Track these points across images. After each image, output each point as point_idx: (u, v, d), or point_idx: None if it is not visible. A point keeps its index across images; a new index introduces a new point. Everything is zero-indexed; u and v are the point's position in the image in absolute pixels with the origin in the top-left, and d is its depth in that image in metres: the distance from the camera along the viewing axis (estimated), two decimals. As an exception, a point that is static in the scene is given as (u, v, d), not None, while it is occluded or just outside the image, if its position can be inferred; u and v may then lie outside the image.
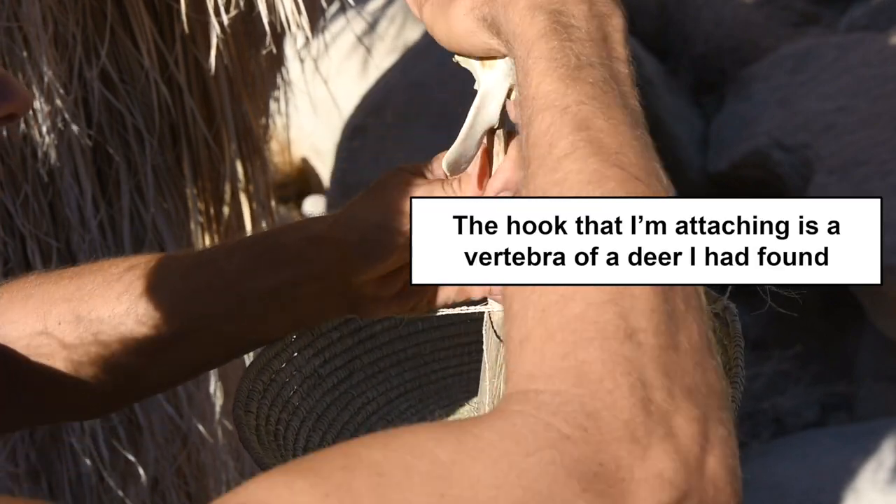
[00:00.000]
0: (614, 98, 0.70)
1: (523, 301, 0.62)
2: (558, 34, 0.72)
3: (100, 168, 1.87)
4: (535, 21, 0.73)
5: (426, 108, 4.80)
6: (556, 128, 0.67)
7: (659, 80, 5.52)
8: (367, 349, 1.08)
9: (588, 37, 0.73)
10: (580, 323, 0.59)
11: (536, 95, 0.70)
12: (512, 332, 0.62)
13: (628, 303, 0.60)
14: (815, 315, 4.86)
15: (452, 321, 1.11)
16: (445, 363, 1.11)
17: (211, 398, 2.10)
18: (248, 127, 1.98)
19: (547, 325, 0.60)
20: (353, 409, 1.04)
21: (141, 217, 1.89)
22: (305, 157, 5.76)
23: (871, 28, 5.64)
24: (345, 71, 5.45)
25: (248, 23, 1.86)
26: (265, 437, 0.93)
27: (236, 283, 0.94)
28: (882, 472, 3.68)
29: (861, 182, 4.50)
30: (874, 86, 4.89)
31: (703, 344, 0.61)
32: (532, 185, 0.67)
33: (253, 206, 2.04)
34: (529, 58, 0.72)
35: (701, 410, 0.58)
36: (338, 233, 0.93)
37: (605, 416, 0.56)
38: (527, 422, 0.56)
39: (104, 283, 0.95)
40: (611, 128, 0.67)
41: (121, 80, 1.80)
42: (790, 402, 4.44)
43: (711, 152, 5.36)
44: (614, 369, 0.57)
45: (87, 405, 1.00)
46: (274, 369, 1.00)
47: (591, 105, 0.68)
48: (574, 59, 0.70)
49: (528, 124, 0.70)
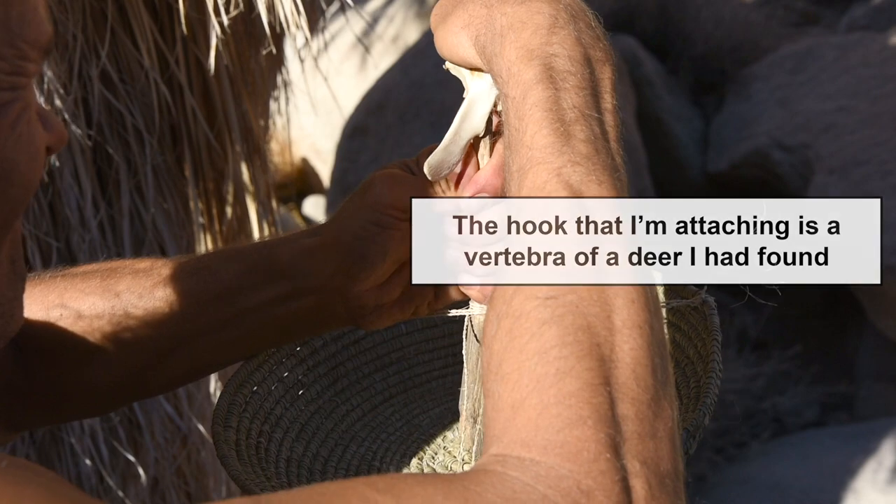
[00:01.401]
0: (604, 158, 0.72)
1: (517, 365, 0.64)
2: (553, 81, 0.74)
3: (100, 168, 1.87)
4: (532, 64, 0.75)
5: (426, 108, 4.80)
6: (552, 187, 0.70)
7: (659, 80, 5.52)
8: (350, 355, 1.08)
9: (581, 84, 0.75)
10: (575, 400, 0.61)
11: (532, 146, 0.72)
12: (503, 393, 0.64)
13: (616, 388, 0.63)
14: (815, 315, 4.86)
15: (435, 323, 1.12)
16: (429, 366, 1.11)
17: (211, 398, 2.10)
18: (249, 127, 1.98)
19: (542, 396, 0.62)
20: (338, 416, 1.04)
21: (141, 217, 1.89)
22: (305, 157, 5.76)
23: (871, 28, 5.65)
24: (344, 71, 5.46)
25: (248, 23, 1.86)
26: (245, 452, 0.93)
27: (232, 294, 0.95)
28: (882, 472, 3.68)
29: (861, 182, 4.51)
30: (874, 86, 4.89)
31: (674, 429, 0.64)
32: (527, 241, 0.69)
33: (254, 206, 2.04)
34: (525, 103, 0.74)
35: (671, 500, 0.61)
36: (329, 238, 0.94)
37: (598, 496, 0.59)
38: (525, 490, 0.58)
39: (98, 287, 0.95)
40: (601, 194, 0.70)
41: (121, 80, 1.80)
42: (790, 402, 4.44)
43: (711, 152, 5.36)
44: (605, 452, 0.60)
45: (97, 398, 1.01)
46: (255, 381, 0.99)
47: (584, 166, 0.70)
48: (569, 112, 0.73)
49: (520, 173, 0.72)
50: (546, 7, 0.77)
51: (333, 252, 0.93)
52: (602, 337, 0.64)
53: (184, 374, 1.00)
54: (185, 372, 1.00)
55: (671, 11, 5.90)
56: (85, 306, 0.94)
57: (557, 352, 0.63)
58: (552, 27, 0.77)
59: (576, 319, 0.64)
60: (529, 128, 0.73)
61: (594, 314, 0.64)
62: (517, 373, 0.63)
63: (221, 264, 0.96)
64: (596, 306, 0.65)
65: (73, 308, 0.94)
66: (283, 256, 0.95)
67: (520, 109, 0.74)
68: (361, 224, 0.92)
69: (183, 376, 1.01)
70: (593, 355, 0.63)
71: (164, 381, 1.00)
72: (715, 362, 0.88)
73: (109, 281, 0.95)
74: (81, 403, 1.01)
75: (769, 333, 4.75)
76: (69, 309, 0.94)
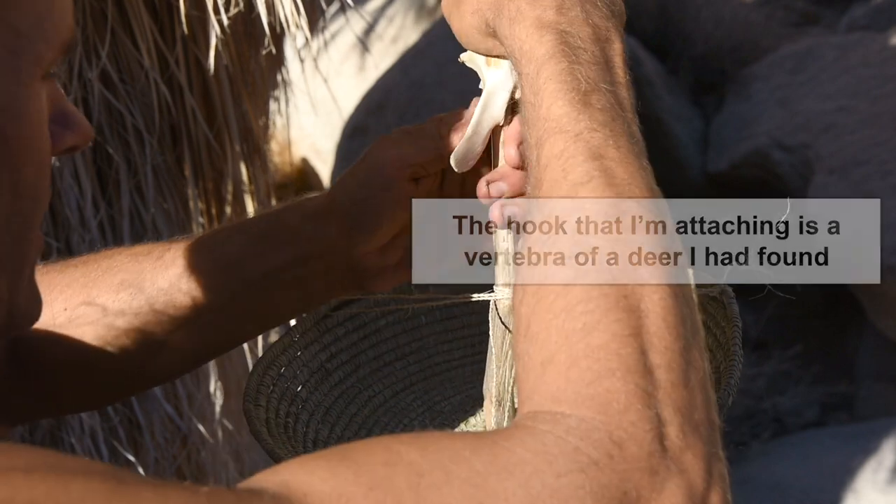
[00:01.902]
0: (622, 125, 0.73)
1: (544, 324, 0.64)
2: (567, 56, 0.75)
3: (100, 168, 1.87)
4: (544, 40, 0.76)
5: (426, 108, 4.80)
6: (570, 153, 0.70)
7: (659, 80, 5.52)
8: (372, 343, 1.10)
9: (594, 59, 0.75)
10: (604, 353, 0.61)
11: (548, 117, 0.72)
12: (531, 351, 0.64)
13: (646, 338, 0.63)
14: (815, 315, 4.86)
15: (454, 314, 1.13)
16: (449, 355, 1.13)
17: (211, 398, 2.10)
18: (249, 127, 1.98)
19: (571, 351, 0.62)
20: (360, 402, 1.06)
21: (141, 217, 1.90)
22: (305, 157, 5.76)
23: (871, 28, 5.65)
24: (344, 71, 5.45)
25: (248, 23, 1.86)
26: (275, 430, 0.95)
27: (237, 266, 0.95)
28: (882, 472, 3.68)
29: (861, 182, 4.50)
30: (874, 86, 4.89)
31: (706, 380, 0.64)
32: (546, 207, 0.69)
33: (254, 205, 2.05)
34: (539, 77, 0.74)
35: (706, 448, 0.61)
36: (331, 203, 0.95)
37: (630, 446, 0.59)
38: (557, 443, 0.58)
39: (104, 273, 0.96)
40: (621, 157, 0.70)
41: (121, 80, 1.80)
42: (790, 402, 4.44)
43: (711, 152, 5.36)
44: (637, 402, 0.60)
45: (101, 390, 1.01)
46: (281, 364, 1.02)
47: (602, 132, 0.71)
48: (584, 84, 0.73)
49: (538, 144, 0.72)
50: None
51: (335, 216, 0.95)
52: (629, 289, 0.64)
53: (193, 353, 1.00)
54: (194, 351, 1.00)
55: (671, 11, 5.90)
56: (101, 302, 0.94)
57: (583, 307, 0.63)
58: (560, 7, 0.78)
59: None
60: (545, 100, 0.73)
61: (619, 269, 0.64)
62: (545, 332, 0.64)
63: (226, 238, 0.97)
64: (621, 262, 0.65)
65: (94, 305, 0.94)
66: (287, 222, 0.96)
67: (535, 84, 0.75)
68: (359, 187, 0.94)
69: (192, 356, 1.01)
70: (620, 307, 0.63)
71: (175, 361, 1.00)
72: (737, 346, 0.90)
73: (115, 274, 0.95)
74: (83, 394, 1.01)
75: (769, 333, 4.75)
76: (85, 307, 0.95)
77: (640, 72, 5.42)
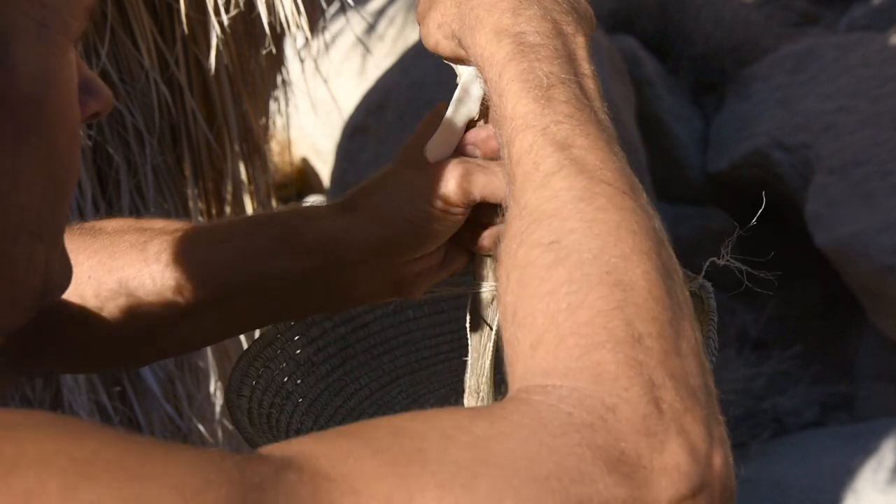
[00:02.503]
0: (588, 114, 0.73)
1: (530, 309, 0.65)
2: (525, 55, 0.76)
3: (100, 168, 1.87)
4: (502, 44, 0.77)
5: (426, 108, 4.79)
6: (539, 146, 0.71)
7: (659, 80, 5.52)
8: (360, 337, 1.10)
9: (555, 54, 0.77)
10: (590, 328, 0.62)
11: (514, 116, 0.74)
12: (519, 335, 0.65)
13: (632, 310, 0.63)
14: (814, 315, 4.86)
15: (442, 309, 1.13)
16: (436, 349, 1.13)
17: (211, 398, 2.10)
18: (249, 127, 1.98)
19: (558, 330, 0.63)
20: (346, 394, 1.06)
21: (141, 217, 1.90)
22: (305, 157, 5.76)
23: (871, 28, 5.65)
24: (345, 71, 5.46)
25: (248, 23, 1.86)
26: (257, 420, 0.95)
27: (256, 263, 0.94)
28: (882, 472, 3.69)
29: (861, 182, 4.51)
30: (874, 86, 4.89)
31: (699, 349, 0.64)
32: (522, 200, 0.70)
33: (254, 206, 2.05)
34: (502, 80, 0.76)
35: (705, 411, 0.61)
36: (359, 234, 0.92)
37: (624, 409, 0.59)
38: (550, 410, 0.59)
39: (131, 246, 0.96)
40: (590, 144, 0.71)
41: (121, 80, 1.80)
42: (790, 402, 4.44)
43: (711, 152, 5.36)
44: (627, 370, 0.61)
45: (116, 354, 1.01)
46: (268, 356, 1.02)
47: (568, 123, 0.72)
48: (545, 79, 0.74)
49: (508, 143, 0.74)
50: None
51: (378, 230, 0.93)
52: (611, 265, 0.64)
53: (213, 330, 1.00)
54: (214, 327, 0.99)
55: (671, 11, 5.90)
56: (123, 275, 0.95)
57: (567, 287, 0.64)
58: (517, 9, 0.79)
59: (581, 255, 0.65)
60: (509, 101, 0.74)
61: (598, 247, 0.65)
62: (531, 316, 0.64)
63: (245, 235, 0.95)
64: (599, 239, 0.65)
65: (118, 279, 0.95)
66: (306, 233, 0.94)
67: (498, 87, 0.76)
68: (419, 213, 0.91)
69: (213, 333, 1.02)
70: (604, 283, 0.63)
71: (194, 334, 0.99)
72: (712, 342, 0.91)
73: (141, 250, 0.95)
74: (96, 356, 1.01)
75: (769, 333, 4.75)
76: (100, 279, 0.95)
77: (640, 72, 5.42)
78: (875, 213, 4.37)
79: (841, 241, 4.40)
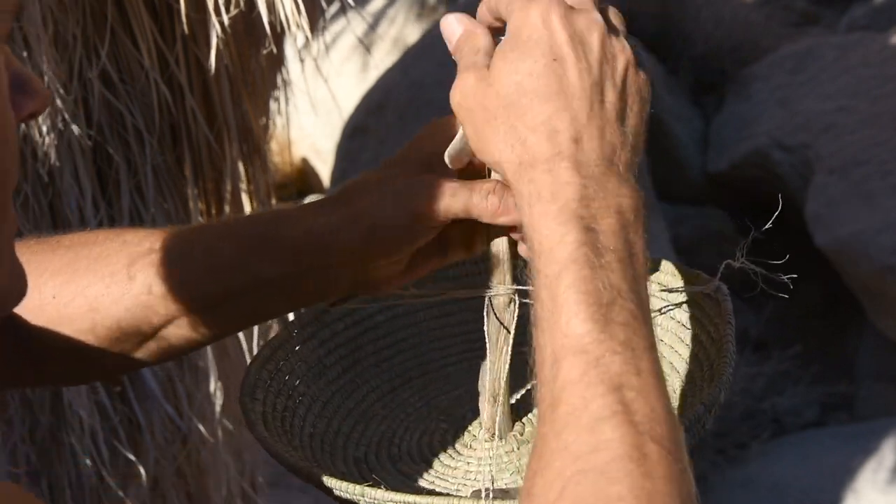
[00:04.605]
0: (642, 339, 0.71)
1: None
2: (589, 262, 0.72)
3: (100, 168, 1.87)
4: (566, 241, 0.73)
5: (426, 108, 4.80)
6: (590, 381, 0.68)
7: (659, 80, 5.52)
8: (370, 339, 1.09)
9: (617, 258, 0.73)
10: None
11: (567, 334, 0.70)
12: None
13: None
14: (814, 315, 4.86)
15: (453, 310, 1.12)
16: (447, 350, 1.12)
17: (211, 398, 2.10)
18: (249, 127, 1.98)
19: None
20: (358, 396, 1.06)
21: (141, 217, 1.89)
22: (305, 157, 5.76)
23: (871, 28, 5.64)
24: (345, 71, 5.45)
25: (249, 23, 1.86)
26: (272, 424, 0.95)
27: (232, 269, 0.92)
28: (882, 472, 3.69)
29: (861, 182, 4.51)
30: (874, 86, 4.89)
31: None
32: (565, 435, 0.68)
33: (254, 206, 2.05)
34: (560, 284, 0.72)
35: None
36: (345, 227, 0.91)
37: None
38: None
39: (96, 261, 0.93)
40: (641, 385, 0.69)
41: (121, 80, 1.80)
42: (790, 402, 4.44)
43: (711, 152, 5.36)
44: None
45: (88, 368, 1.00)
46: (279, 359, 1.02)
47: (622, 355, 0.69)
48: (605, 294, 0.71)
49: (555, 361, 0.70)
50: (575, 177, 0.75)
51: (348, 248, 0.91)
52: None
53: (185, 344, 0.98)
54: (187, 342, 0.98)
55: (671, 11, 5.90)
56: (91, 293, 0.92)
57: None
58: (585, 195, 0.75)
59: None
60: (564, 313, 0.71)
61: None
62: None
63: (218, 239, 0.94)
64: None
65: (84, 295, 0.93)
66: (287, 236, 0.92)
67: (553, 290, 0.72)
68: (404, 223, 0.90)
69: (185, 346, 0.99)
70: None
71: (166, 349, 0.97)
72: (729, 344, 0.90)
73: (106, 264, 0.93)
74: (69, 371, 0.99)
75: (769, 333, 4.75)
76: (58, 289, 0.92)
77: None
78: (875, 213, 4.37)
79: (841, 241, 4.40)
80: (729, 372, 0.88)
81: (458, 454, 0.97)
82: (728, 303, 0.95)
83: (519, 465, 0.93)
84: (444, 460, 0.97)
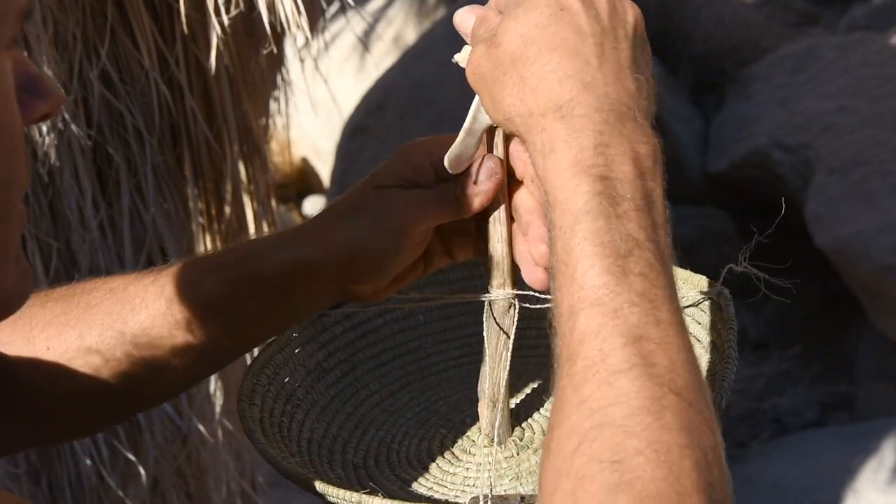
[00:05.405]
0: (662, 288, 0.69)
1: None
2: (604, 211, 0.70)
3: (100, 168, 1.87)
4: (580, 191, 0.71)
5: (426, 108, 4.80)
6: (608, 332, 0.67)
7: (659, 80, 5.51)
8: (369, 343, 1.09)
9: (634, 207, 0.71)
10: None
11: (583, 285, 0.68)
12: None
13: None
14: (814, 315, 4.86)
15: (452, 314, 1.13)
16: (446, 355, 1.12)
17: (211, 398, 2.10)
18: (249, 127, 1.98)
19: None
20: (357, 401, 1.06)
21: (141, 217, 1.90)
22: (305, 157, 5.76)
23: (871, 28, 5.64)
24: (345, 71, 5.45)
25: (249, 23, 1.86)
26: (269, 429, 0.95)
27: (216, 304, 0.93)
28: (882, 472, 3.69)
29: (861, 182, 4.51)
30: (874, 86, 4.89)
31: None
32: (583, 389, 0.66)
33: (253, 205, 2.05)
34: (574, 235, 0.70)
35: None
36: (324, 258, 0.91)
37: None
38: None
39: (86, 311, 0.93)
40: (661, 336, 0.67)
41: (121, 80, 1.80)
42: (790, 402, 4.44)
43: (711, 152, 5.36)
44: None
45: (86, 420, 0.99)
46: (277, 364, 1.02)
47: (641, 306, 0.67)
48: (622, 244, 0.69)
49: (572, 314, 0.69)
50: (589, 123, 0.73)
51: (329, 272, 0.91)
52: (673, 502, 0.61)
53: (179, 383, 1.00)
54: (181, 381, 0.99)
55: (671, 11, 5.90)
56: (84, 343, 0.92)
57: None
58: (600, 143, 0.73)
59: (646, 486, 0.61)
60: (580, 265, 0.69)
61: (663, 477, 0.62)
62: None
63: (200, 276, 0.93)
64: (664, 468, 0.62)
65: (77, 346, 0.92)
66: (267, 269, 0.92)
67: (568, 242, 0.70)
68: (385, 245, 0.89)
69: (179, 385, 1.01)
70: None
71: (162, 391, 0.99)
72: (731, 349, 0.90)
73: (95, 313, 0.92)
74: (68, 425, 0.99)
75: (769, 333, 4.75)
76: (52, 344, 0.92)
77: (640, 72, 5.41)
78: (875, 213, 4.37)
79: (841, 241, 4.40)
80: (731, 378, 0.88)
81: (458, 460, 0.97)
82: (731, 308, 0.95)
83: (518, 470, 0.93)
84: (443, 466, 0.96)
